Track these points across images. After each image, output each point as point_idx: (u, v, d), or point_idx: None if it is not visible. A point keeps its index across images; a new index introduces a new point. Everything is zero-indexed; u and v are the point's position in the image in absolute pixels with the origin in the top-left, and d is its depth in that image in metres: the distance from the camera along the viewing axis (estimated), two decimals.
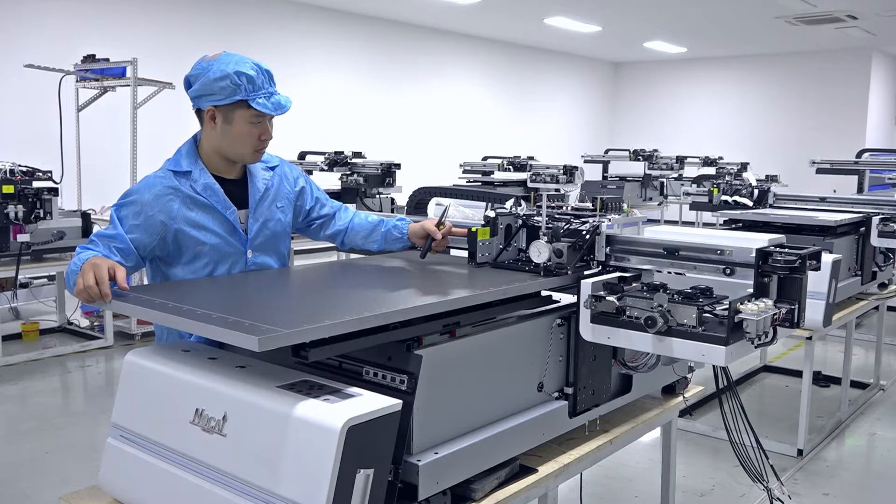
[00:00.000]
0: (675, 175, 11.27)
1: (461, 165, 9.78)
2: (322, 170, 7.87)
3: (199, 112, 2.29)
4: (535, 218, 2.46)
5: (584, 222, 2.35)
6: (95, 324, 6.63)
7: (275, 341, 1.52)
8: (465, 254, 2.48)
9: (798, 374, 5.17)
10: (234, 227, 2.31)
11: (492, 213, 2.48)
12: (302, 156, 8.41)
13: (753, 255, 1.98)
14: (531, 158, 9.55)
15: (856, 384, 5.35)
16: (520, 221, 2.49)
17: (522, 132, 14.93)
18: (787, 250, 1.96)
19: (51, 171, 5.88)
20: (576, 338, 2.17)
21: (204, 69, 2.22)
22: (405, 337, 1.79)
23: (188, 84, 2.26)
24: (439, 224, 2.50)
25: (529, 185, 8.34)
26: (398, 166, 7.77)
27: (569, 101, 16.34)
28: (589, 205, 2.48)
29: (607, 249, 2.30)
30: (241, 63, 2.21)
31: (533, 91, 15.29)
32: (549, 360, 2.16)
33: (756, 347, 1.90)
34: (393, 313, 1.74)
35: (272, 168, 2.47)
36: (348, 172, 7.78)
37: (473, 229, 2.40)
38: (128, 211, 2.21)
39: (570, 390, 2.20)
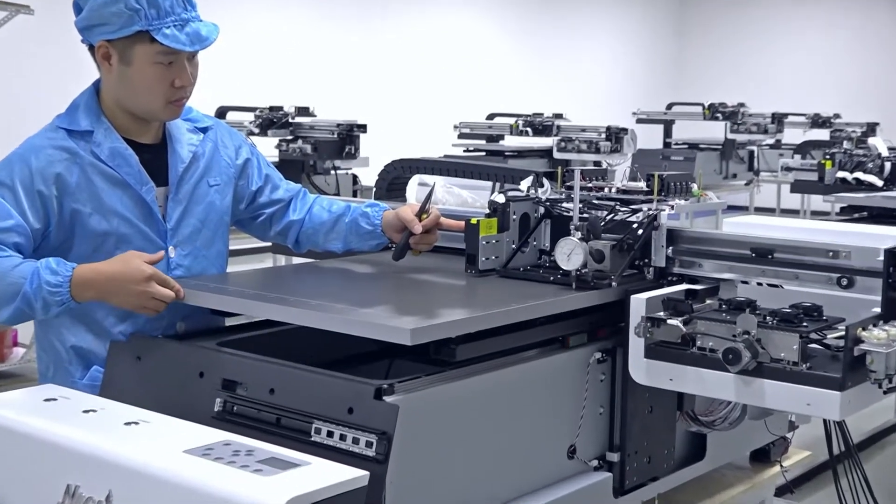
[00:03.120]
0: (771, 141, 11.28)
1: (456, 127, 9.77)
2: (252, 134, 7.86)
3: (92, 49, 2.32)
4: (565, 204, 2.47)
5: (635, 211, 2.36)
6: None
7: (428, 333, 1.83)
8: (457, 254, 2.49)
9: None
10: (150, 211, 2.34)
11: (500, 198, 2.48)
12: (221, 113, 8.40)
13: (881, 258, 1.99)
14: (559, 117, 9.56)
15: None
16: (542, 210, 2.50)
17: (546, 80, 14.95)
18: None
19: None
20: (623, 380, 2.17)
21: None
22: (550, 335, 2.10)
23: (77, 9, 2.30)
24: (421, 212, 2.51)
25: (556, 155, 8.35)
26: (363, 129, 7.76)
27: (615, 35, 16.37)
28: (643, 185, 2.49)
29: (669, 251, 2.31)
30: None
31: (561, 22, 15.32)
32: (585, 413, 2.16)
33: (886, 393, 1.90)
34: (540, 306, 2.07)
35: (202, 130, 2.50)
36: (290, 138, 7.76)
37: (473, 221, 2.41)
38: (6, 190, 2.24)
39: (615, 457, 2.20)
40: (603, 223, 2.34)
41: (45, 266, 2.15)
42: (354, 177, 7.86)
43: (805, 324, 1.96)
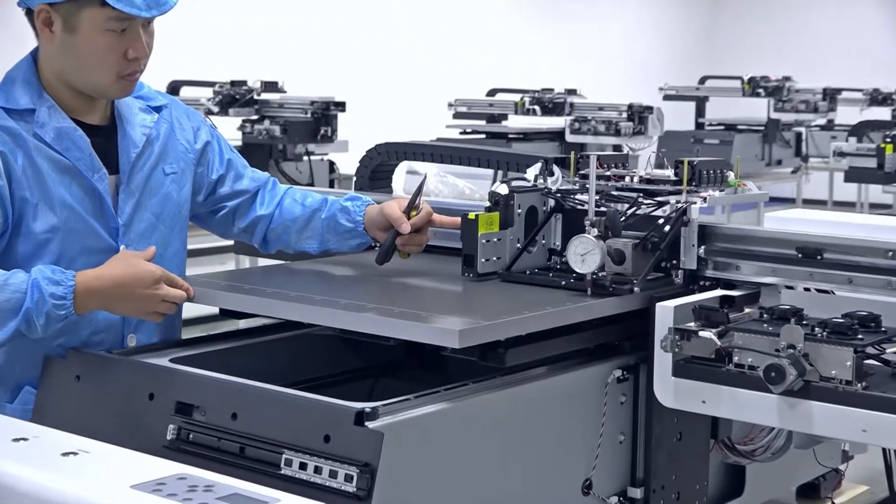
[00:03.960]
0: (822, 121, 11.28)
1: (451, 105, 9.77)
2: (210, 113, 7.86)
3: (30, 14, 2.32)
4: (578, 196, 2.48)
5: (661, 204, 2.37)
6: None
7: (477, 335, 1.92)
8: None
9: None
10: (101, 204, 2.35)
11: (503, 188, 2.49)
12: (174, 89, 8.40)
13: None
14: (572, 93, 9.58)
15: None
16: (552, 202, 2.51)
17: (557, 50, 14.97)
18: None
19: None
20: (647, 402, 2.19)
21: None
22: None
23: None
24: (410, 208, 2.51)
25: (569, 138, 8.36)
26: (341, 107, 7.76)
27: None
28: (671, 173, 2.50)
29: (701, 251, 2.32)
30: None
31: None
32: (603, 441, 2.17)
33: None
34: (597, 305, 2.16)
35: (156, 109, 2.50)
36: (255, 117, 7.77)
37: (471, 216, 2.42)
38: None
39: (637, 493, 2.21)
40: (623, 218, 2.35)
41: (43, 276, 2.15)
42: (331, 164, 7.85)
43: (860, 336, 1.96)
